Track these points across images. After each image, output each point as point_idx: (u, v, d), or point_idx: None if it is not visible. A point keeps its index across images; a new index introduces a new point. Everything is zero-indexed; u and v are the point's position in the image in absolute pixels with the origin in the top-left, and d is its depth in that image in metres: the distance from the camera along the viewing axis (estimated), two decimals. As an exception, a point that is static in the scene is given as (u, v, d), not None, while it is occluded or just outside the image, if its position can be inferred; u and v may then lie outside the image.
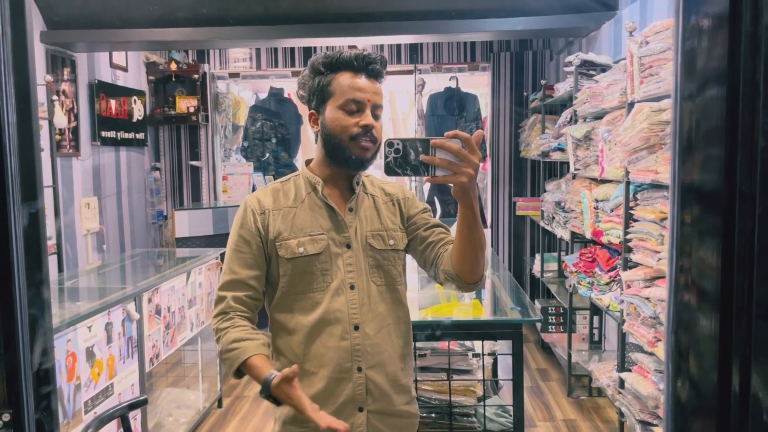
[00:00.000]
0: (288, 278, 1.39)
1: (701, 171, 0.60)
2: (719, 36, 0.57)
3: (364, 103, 1.35)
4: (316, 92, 1.39)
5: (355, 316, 1.38)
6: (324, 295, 1.38)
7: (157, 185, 5.60)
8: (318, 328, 1.38)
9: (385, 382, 1.40)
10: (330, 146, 1.38)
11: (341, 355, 1.37)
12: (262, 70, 5.71)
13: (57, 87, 4.16)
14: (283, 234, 1.39)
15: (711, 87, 0.58)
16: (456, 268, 1.34)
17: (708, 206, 0.59)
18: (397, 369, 1.43)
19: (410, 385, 1.49)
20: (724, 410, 0.56)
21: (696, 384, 0.60)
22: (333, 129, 1.36)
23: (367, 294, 1.40)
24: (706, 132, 0.59)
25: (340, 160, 1.38)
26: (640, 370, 2.64)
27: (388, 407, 1.41)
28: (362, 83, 1.36)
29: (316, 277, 1.39)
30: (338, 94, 1.36)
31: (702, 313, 0.59)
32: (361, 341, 1.38)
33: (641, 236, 2.54)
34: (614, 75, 3.07)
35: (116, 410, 1.69)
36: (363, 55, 1.36)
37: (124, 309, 2.61)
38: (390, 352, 1.42)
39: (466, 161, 1.14)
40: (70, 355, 2.20)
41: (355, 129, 1.35)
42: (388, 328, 1.42)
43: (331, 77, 1.37)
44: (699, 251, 0.59)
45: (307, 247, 1.38)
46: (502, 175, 5.64)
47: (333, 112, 1.36)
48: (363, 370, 1.38)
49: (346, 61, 1.36)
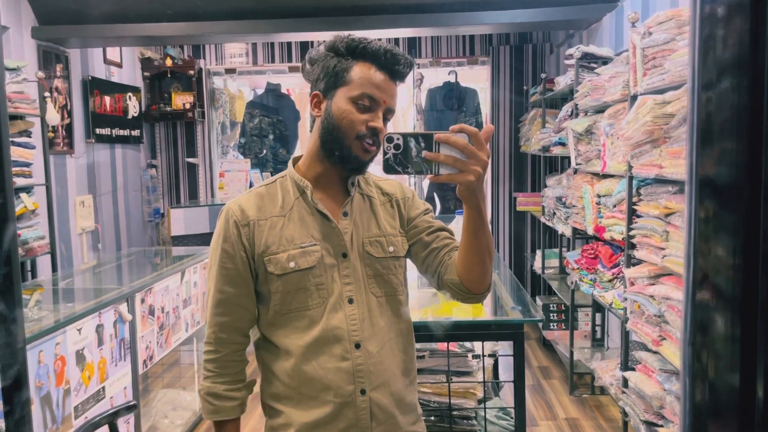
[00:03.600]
0: (280, 296, 1.25)
1: (721, 165, 0.54)
2: (740, 20, 0.51)
3: (379, 103, 1.21)
4: (330, 74, 1.23)
5: (355, 334, 1.25)
6: (321, 311, 1.25)
7: (154, 183, 5.54)
8: (316, 349, 1.24)
9: (391, 403, 1.27)
10: (330, 137, 1.23)
11: (342, 377, 1.23)
12: (258, 66, 5.65)
13: (49, 84, 4.10)
14: (271, 248, 1.24)
15: (732, 75, 0.52)
16: (462, 277, 1.22)
17: (729, 202, 0.54)
18: (402, 387, 1.30)
19: (415, 402, 1.37)
20: (747, 416, 0.51)
21: (716, 389, 0.54)
22: (338, 120, 1.21)
23: (367, 308, 1.27)
24: (727, 124, 0.54)
25: (336, 156, 1.23)
26: (645, 369, 2.58)
27: (394, 430, 1.28)
28: (383, 81, 1.22)
29: (311, 292, 1.25)
30: (354, 85, 1.21)
31: (722, 315, 0.54)
32: (364, 360, 1.24)
33: (645, 232, 2.47)
34: (616, 67, 3.00)
35: (102, 417, 1.63)
36: (393, 52, 1.22)
37: (116, 310, 2.55)
38: (394, 370, 1.28)
39: (474, 158, 1.04)
40: (59, 358, 2.15)
41: (363, 128, 1.20)
42: (391, 344, 1.29)
43: (351, 63, 1.23)
44: (719, 250, 0.54)
45: (298, 261, 1.24)
46: (501, 171, 5.58)
47: (343, 102, 1.21)
48: (367, 392, 1.24)
49: (373, 52, 1.22)
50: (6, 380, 0.65)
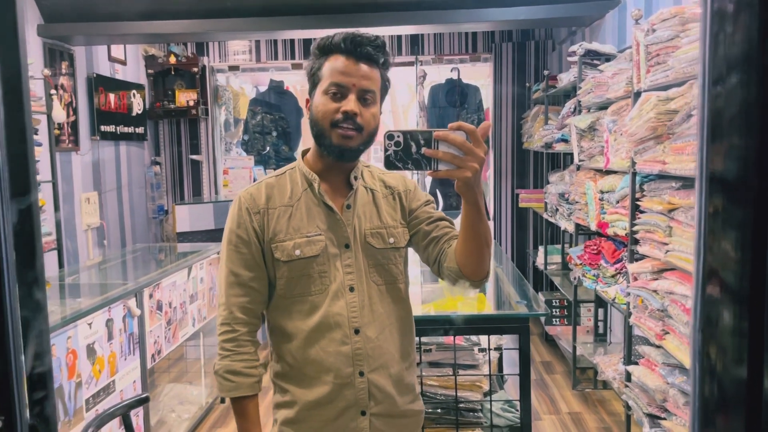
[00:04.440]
0: (285, 281, 1.33)
1: (731, 160, 0.57)
2: (750, 16, 0.53)
3: (347, 88, 1.26)
4: (310, 76, 1.33)
5: (355, 320, 1.33)
6: (323, 298, 1.32)
7: (158, 179, 5.56)
8: (317, 333, 1.32)
9: (389, 384, 1.35)
10: (314, 132, 1.30)
11: (342, 360, 1.32)
12: (261, 63, 5.67)
13: (55, 81, 4.12)
14: (279, 235, 1.32)
15: (741, 71, 0.54)
16: (460, 264, 1.29)
17: (738, 198, 0.56)
18: (400, 369, 1.38)
19: (414, 382, 1.44)
20: (754, 410, 0.54)
21: (724, 383, 0.57)
22: (315, 114, 1.29)
23: (367, 295, 1.34)
24: (737, 119, 0.56)
25: (324, 147, 1.31)
26: (648, 363, 2.61)
27: (392, 409, 1.37)
28: (347, 66, 1.27)
29: (314, 279, 1.32)
30: (324, 78, 1.28)
31: (731, 309, 0.56)
32: (362, 345, 1.33)
33: (648, 228, 2.50)
34: (619, 64, 3.03)
35: (117, 409, 1.67)
36: (352, 36, 1.27)
37: (125, 305, 2.58)
38: (393, 353, 1.37)
39: (471, 154, 1.09)
40: (71, 352, 2.18)
41: (337, 115, 1.26)
42: (390, 329, 1.37)
43: (323, 61, 1.30)
44: (728, 245, 0.56)
45: (303, 249, 1.31)
46: (504, 167, 5.60)
47: (318, 97, 1.29)
48: (365, 374, 1.33)
49: (337, 42, 1.28)
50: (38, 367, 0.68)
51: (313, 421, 1.34)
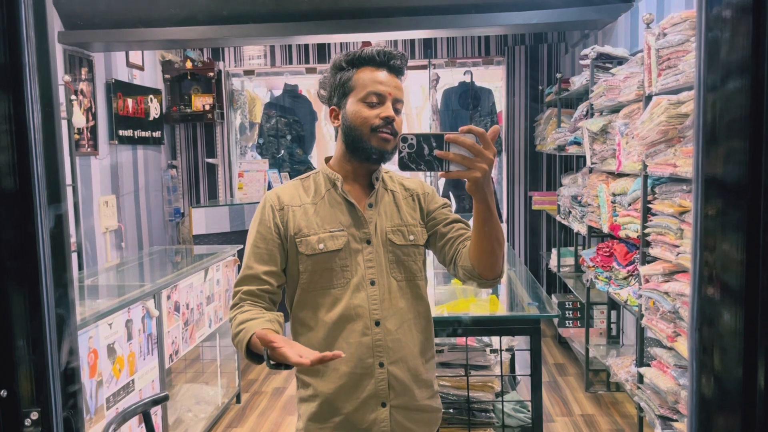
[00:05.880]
0: (308, 275, 1.40)
1: (725, 164, 0.59)
2: (743, 25, 0.56)
3: (385, 96, 1.37)
4: (338, 88, 1.41)
5: (375, 312, 1.39)
6: (344, 291, 1.39)
7: (174, 183, 5.64)
8: (339, 325, 1.39)
9: (407, 377, 1.41)
10: (350, 139, 1.39)
11: (363, 351, 1.38)
12: (276, 67, 5.73)
13: (75, 87, 4.21)
14: (302, 230, 1.40)
15: (735, 78, 0.57)
16: (474, 264, 1.34)
17: (732, 200, 0.58)
18: (418, 364, 1.43)
19: (432, 379, 1.49)
20: (749, 406, 0.56)
21: (721, 380, 0.59)
22: (354, 121, 1.37)
23: (387, 290, 1.41)
24: (731, 124, 0.58)
25: (360, 152, 1.39)
26: (660, 364, 2.62)
27: (411, 402, 1.42)
28: (383, 77, 1.38)
29: (336, 273, 1.39)
30: (360, 88, 1.38)
31: (726, 308, 0.58)
32: (383, 337, 1.39)
33: (660, 230, 2.51)
34: (631, 68, 3.04)
35: (138, 406, 1.72)
36: (385, 50, 1.39)
37: (144, 306, 2.64)
38: (411, 348, 1.42)
39: (480, 156, 1.15)
40: (92, 351, 2.23)
41: (376, 120, 1.36)
42: (409, 324, 1.43)
43: (353, 72, 1.40)
44: (723, 246, 0.59)
45: (327, 243, 1.39)
46: (517, 170, 5.61)
47: (354, 105, 1.38)
48: (385, 365, 1.39)
49: (368, 56, 1.39)
50: (72, 362, 0.72)
51: (336, 414, 1.39)
